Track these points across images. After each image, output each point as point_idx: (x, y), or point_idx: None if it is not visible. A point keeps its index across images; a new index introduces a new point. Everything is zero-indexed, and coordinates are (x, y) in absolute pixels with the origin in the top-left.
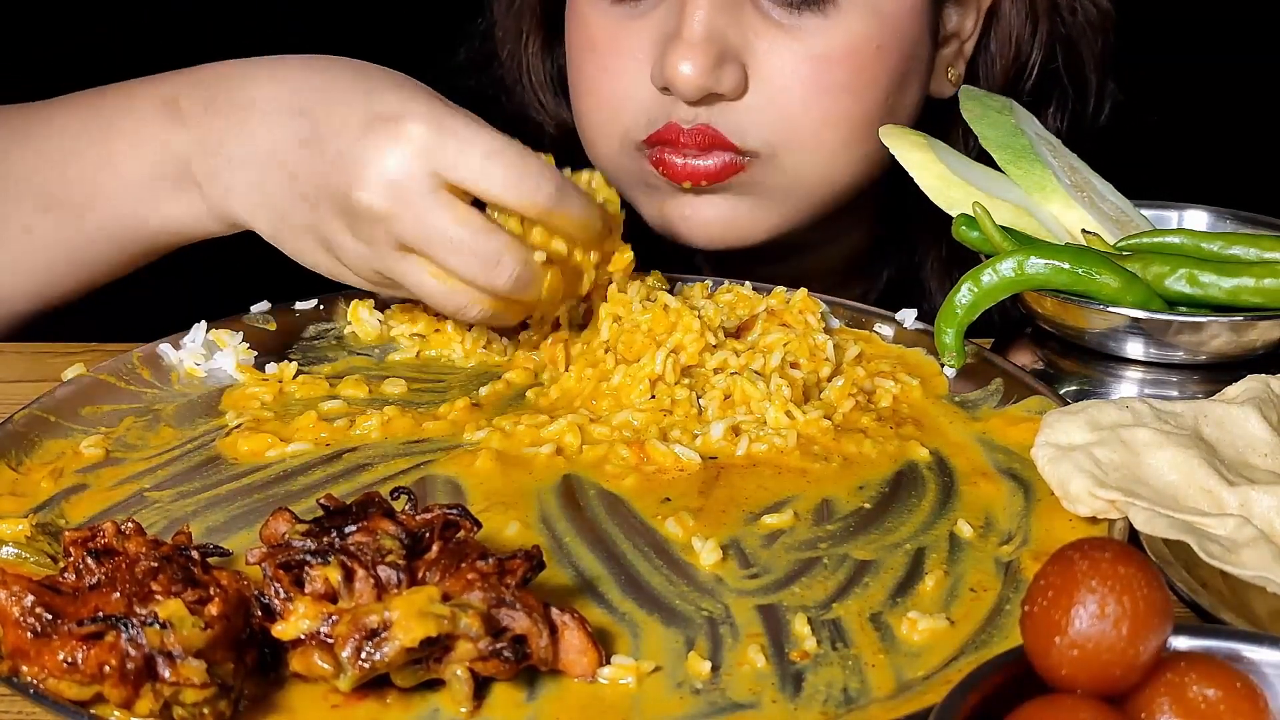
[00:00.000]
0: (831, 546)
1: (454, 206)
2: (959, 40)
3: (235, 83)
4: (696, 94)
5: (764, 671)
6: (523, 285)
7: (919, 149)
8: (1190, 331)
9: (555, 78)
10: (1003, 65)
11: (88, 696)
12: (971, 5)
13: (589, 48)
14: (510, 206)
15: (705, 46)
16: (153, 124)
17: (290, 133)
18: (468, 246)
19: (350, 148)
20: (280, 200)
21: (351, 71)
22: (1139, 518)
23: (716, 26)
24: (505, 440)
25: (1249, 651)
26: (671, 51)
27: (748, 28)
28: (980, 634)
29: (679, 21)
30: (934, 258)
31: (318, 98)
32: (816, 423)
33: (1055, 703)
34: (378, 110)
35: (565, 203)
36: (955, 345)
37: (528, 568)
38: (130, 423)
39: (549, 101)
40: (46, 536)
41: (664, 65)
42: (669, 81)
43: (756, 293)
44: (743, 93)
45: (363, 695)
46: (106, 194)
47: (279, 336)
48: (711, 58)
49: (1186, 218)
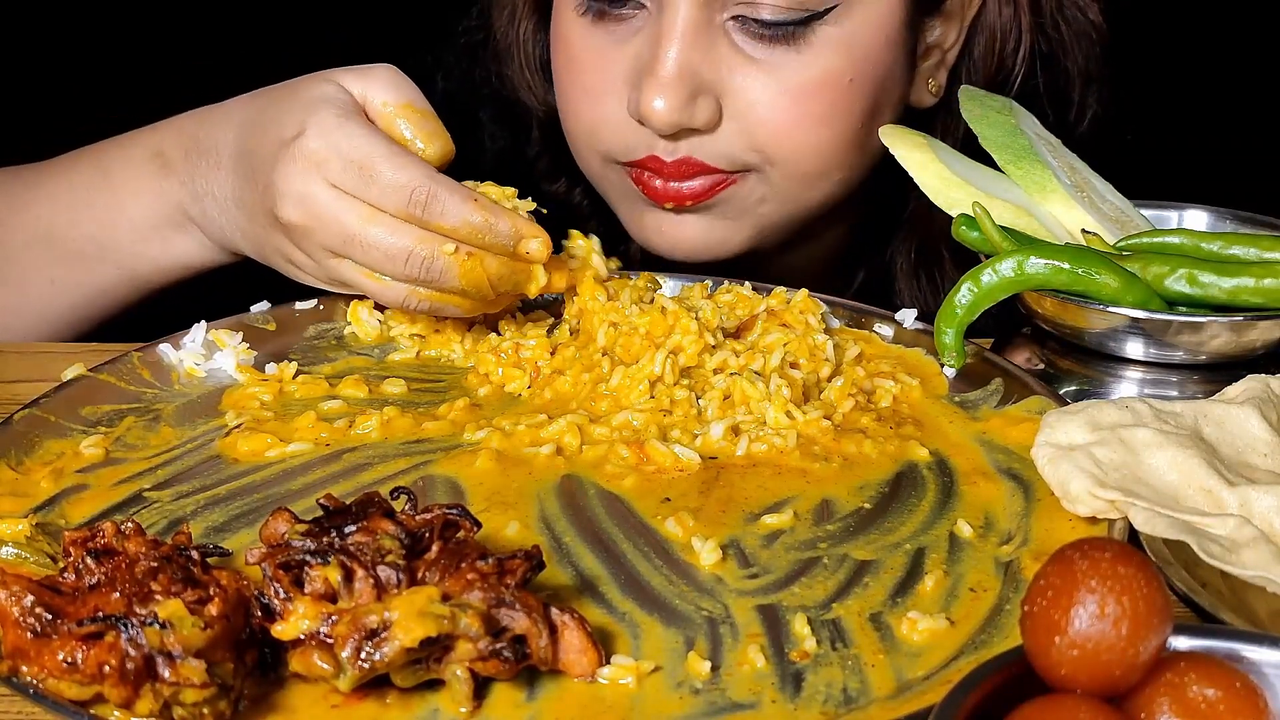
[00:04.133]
0: (831, 546)
1: (356, 209)
2: (941, 51)
3: (204, 130)
4: (670, 129)
5: (764, 671)
6: (437, 274)
7: (919, 149)
8: (1190, 331)
9: (545, 61)
10: (985, 74)
11: (88, 696)
12: (955, 17)
13: (571, 65)
14: (390, 212)
15: (678, 82)
16: (147, 175)
17: (241, 174)
18: (377, 245)
19: (269, 175)
20: (250, 231)
21: (275, 99)
22: (1139, 518)
23: (690, 62)
24: (505, 440)
25: (1249, 651)
26: (646, 87)
27: (721, 62)
28: (980, 634)
29: (653, 56)
30: (903, 260)
31: (254, 132)
32: (816, 423)
33: (1055, 703)
34: (283, 135)
35: (434, 207)
36: (955, 345)
37: (528, 568)
38: (130, 423)
39: (537, 85)
40: (46, 536)
41: (640, 100)
42: (644, 116)
43: (756, 293)
44: (717, 125)
45: (363, 695)
46: (120, 241)
47: (279, 336)
48: (684, 94)
49: (1186, 218)
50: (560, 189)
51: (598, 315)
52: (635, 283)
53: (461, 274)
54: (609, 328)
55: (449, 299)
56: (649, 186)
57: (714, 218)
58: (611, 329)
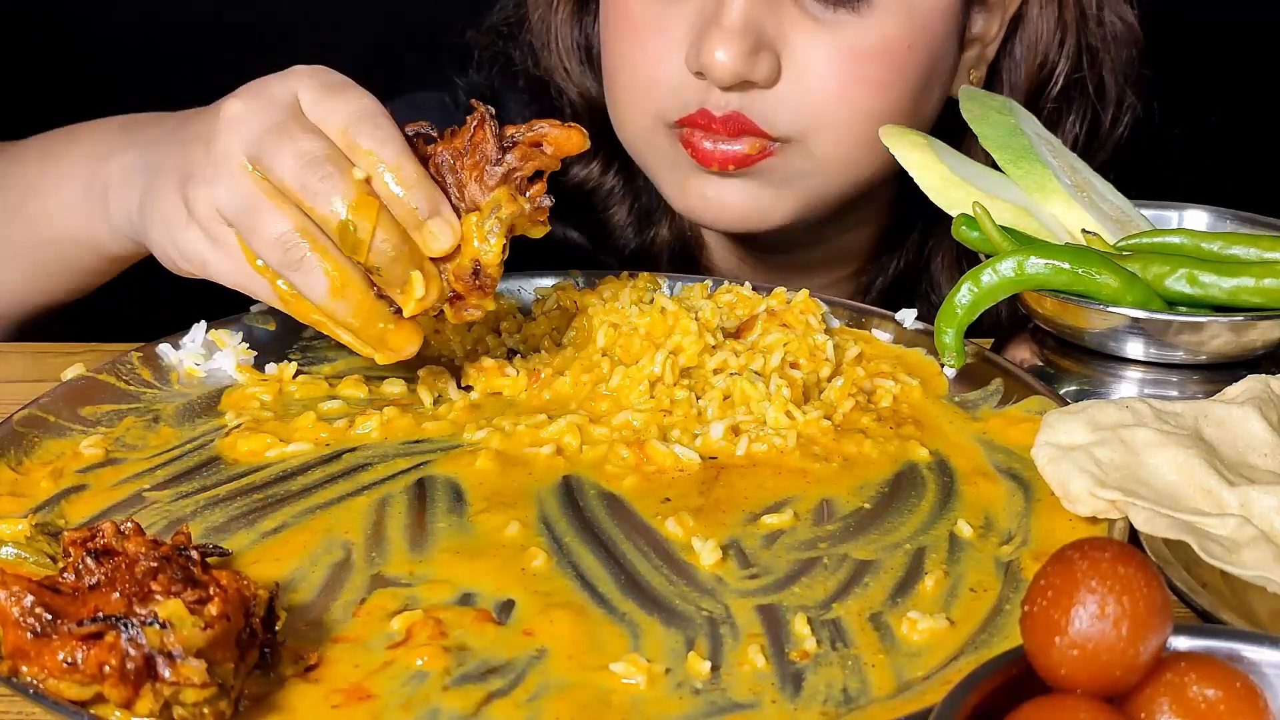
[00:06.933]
0: (831, 546)
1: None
2: (981, 44)
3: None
4: (731, 80)
5: (764, 671)
6: (331, 187)
7: (919, 149)
8: (1190, 331)
9: (583, 45)
10: (1027, 71)
11: (88, 696)
12: (997, 10)
13: (628, 26)
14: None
15: (742, 34)
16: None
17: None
18: (295, 138)
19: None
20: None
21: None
22: (1139, 518)
23: (755, 16)
24: (505, 440)
25: (1249, 651)
26: (709, 37)
27: (784, 20)
28: (980, 634)
29: (718, 8)
30: (945, 253)
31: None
32: (816, 423)
33: (1055, 703)
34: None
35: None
36: (955, 345)
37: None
38: (130, 423)
39: (574, 69)
40: (46, 536)
41: (700, 50)
42: (704, 67)
43: (756, 293)
44: (775, 81)
45: (363, 695)
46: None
47: (279, 336)
48: (748, 46)
49: (1186, 218)
50: (592, 173)
51: (598, 316)
52: (635, 283)
53: (353, 202)
54: (609, 328)
55: (323, 253)
56: (697, 148)
57: (758, 185)
58: (611, 329)
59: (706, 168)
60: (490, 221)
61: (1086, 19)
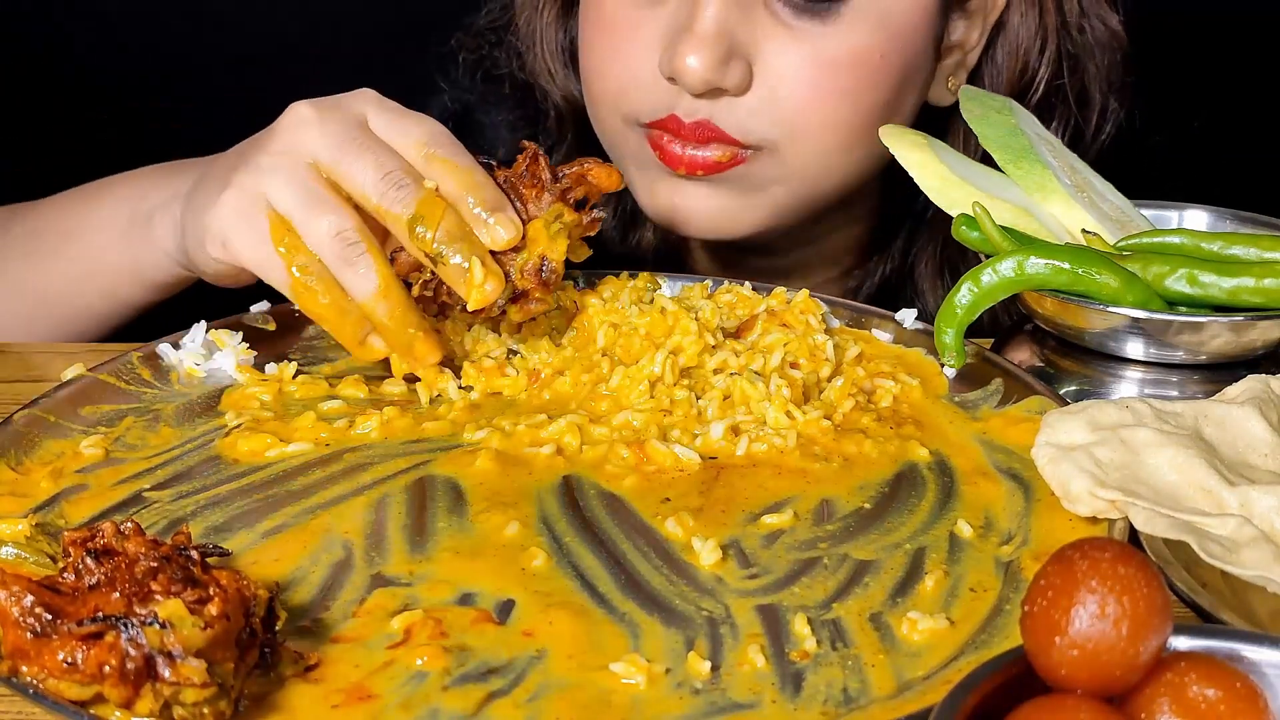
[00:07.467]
0: (831, 546)
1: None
2: (962, 51)
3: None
4: (702, 87)
5: (764, 671)
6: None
7: (919, 149)
8: (1190, 331)
9: (567, 49)
10: (1008, 78)
11: (88, 696)
12: (978, 17)
13: (605, 27)
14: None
15: (715, 41)
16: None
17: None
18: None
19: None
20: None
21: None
22: (1139, 518)
23: (727, 23)
24: (505, 440)
25: (1249, 651)
26: (682, 43)
27: (757, 27)
28: (980, 634)
29: (692, 14)
30: (928, 258)
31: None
32: (816, 423)
33: (1055, 703)
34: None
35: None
36: (955, 345)
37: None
38: (130, 423)
39: (559, 72)
40: (46, 536)
41: (673, 56)
42: (676, 73)
43: (756, 293)
44: (746, 89)
45: (363, 695)
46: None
47: (279, 336)
48: (720, 53)
49: (1186, 218)
50: None
51: (598, 316)
52: (635, 283)
53: (423, 199)
54: (609, 328)
55: (375, 254)
56: (666, 151)
57: (728, 191)
58: (611, 329)
59: (674, 170)
60: (554, 225)
61: (1068, 26)
